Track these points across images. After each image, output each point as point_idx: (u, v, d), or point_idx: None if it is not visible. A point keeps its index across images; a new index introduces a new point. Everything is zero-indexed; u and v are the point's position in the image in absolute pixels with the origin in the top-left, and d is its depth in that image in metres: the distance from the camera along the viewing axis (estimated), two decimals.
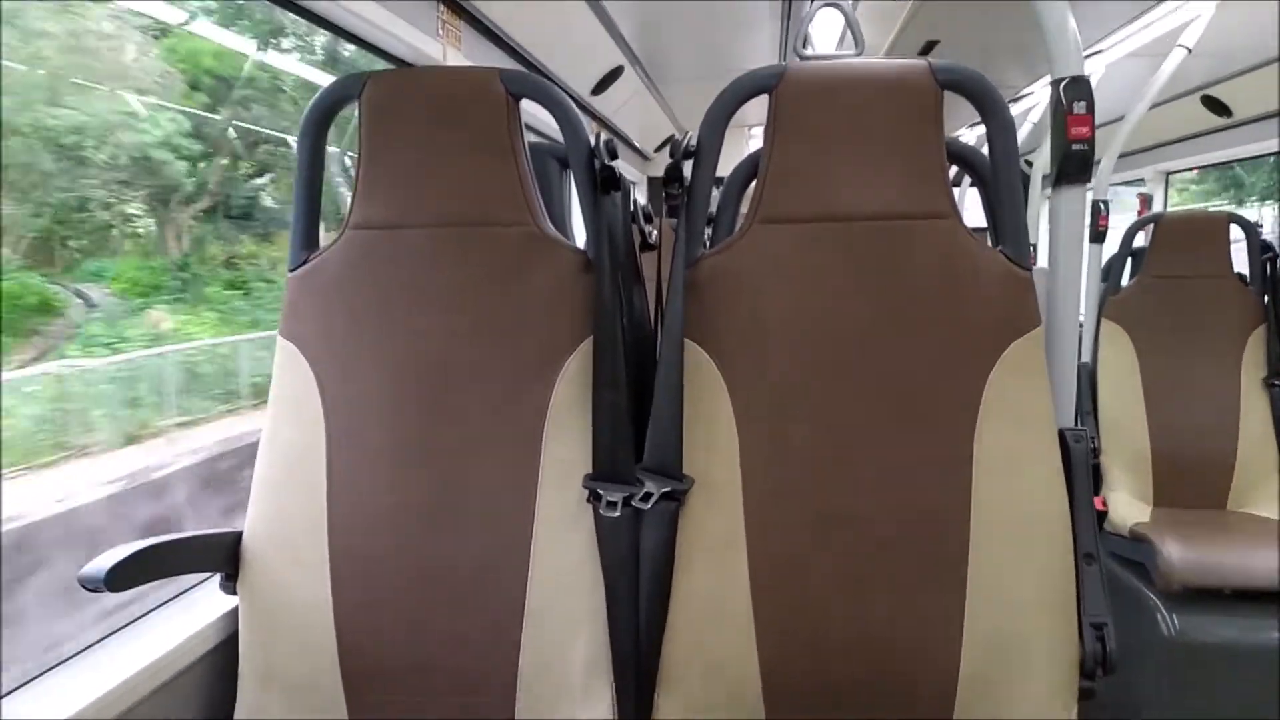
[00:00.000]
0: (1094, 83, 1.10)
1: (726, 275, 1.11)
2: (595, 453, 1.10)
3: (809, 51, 1.26)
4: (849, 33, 1.29)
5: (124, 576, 1.02)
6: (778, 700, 1.06)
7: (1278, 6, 2.21)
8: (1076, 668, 1.04)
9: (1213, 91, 3.15)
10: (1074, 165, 1.11)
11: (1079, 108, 1.09)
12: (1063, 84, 1.10)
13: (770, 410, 1.09)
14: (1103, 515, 2.30)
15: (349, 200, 1.18)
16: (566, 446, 1.11)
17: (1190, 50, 2.49)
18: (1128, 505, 2.32)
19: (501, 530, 1.11)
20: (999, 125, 1.09)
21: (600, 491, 1.07)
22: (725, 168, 1.18)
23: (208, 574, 1.23)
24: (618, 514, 1.06)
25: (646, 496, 1.05)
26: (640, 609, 1.07)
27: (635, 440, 1.11)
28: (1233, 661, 1.91)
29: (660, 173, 1.16)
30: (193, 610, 1.19)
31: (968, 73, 1.09)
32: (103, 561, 1.01)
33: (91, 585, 0.99)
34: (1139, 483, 2.39)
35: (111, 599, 1.06)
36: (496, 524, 1.11)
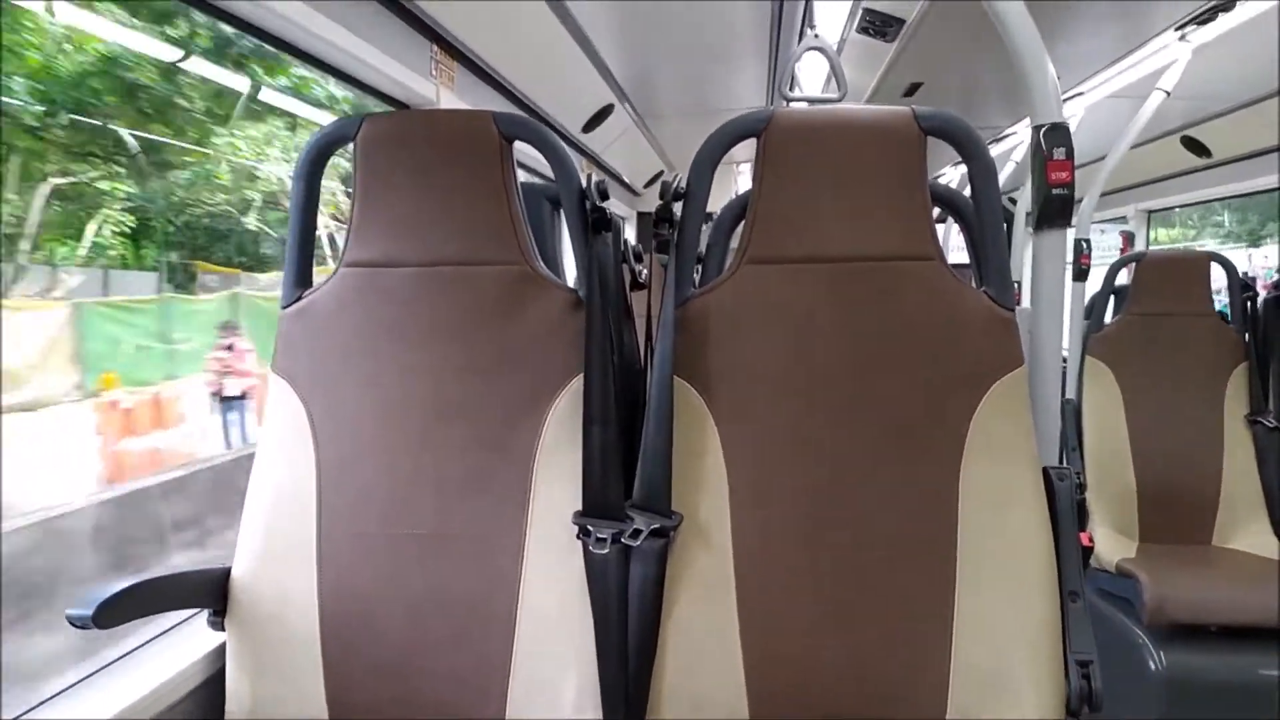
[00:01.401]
0: (1074, 125, 1.13)
1: (715, 314, 1.12)
2: (585, 489, 1.10)
3: (795, 92, 1.29)
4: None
5: (112, 613, 1.01)
6: None
7: (1278, 41, 2.24)
8: (1063, 705, 1.05)
9: (1192, 132, 3.22)
10: (1055, 209, 1.14)
11: (1059, 153, 1.12)
12: (1043, 130, 1.13)
13: (758, 447, 1.10)
14: (1089, 551, 2.31)
15: None
16: (556, 483, 1.12)
17: (1169, 93, 2.55)
18: (1114, 541, 2.33)
19: (491, 566, 1.11)
20: (981, 168, 1.12)
21: (590, 528, 1.07)
22: (713, 202, 1.20)
23: (195, 610, 1.22)
24: (607, 550, 1.06)
25: (636, 533, 1.06)
26: (629, 644, 1.07)
27: (625, 477, 1.11)
28: (1221, 699, 1.91)
29: (649, 208, 1.18)
30: (179, 647, 1.18)
31: (950, 118, 1.12)
32: (90, 599, 1.00)
33: (79, 623, 0.98)
34: (1125, 519, 2.40)
35: None
36: (486, 560, 1.11)
